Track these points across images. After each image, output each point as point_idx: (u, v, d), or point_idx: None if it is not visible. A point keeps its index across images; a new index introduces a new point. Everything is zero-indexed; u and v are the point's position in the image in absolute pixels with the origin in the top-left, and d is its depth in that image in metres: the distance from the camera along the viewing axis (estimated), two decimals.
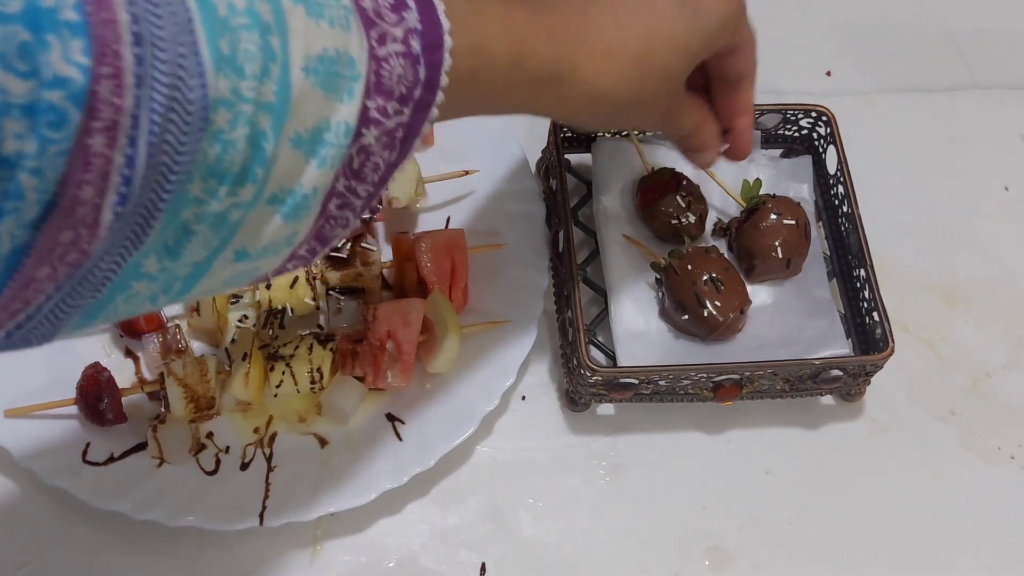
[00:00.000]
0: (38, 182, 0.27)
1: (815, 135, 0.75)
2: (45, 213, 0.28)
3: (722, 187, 0.71)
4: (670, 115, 0.52)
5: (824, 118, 0.73)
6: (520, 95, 0.45)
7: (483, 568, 0.63)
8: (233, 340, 0.68)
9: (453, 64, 0.38)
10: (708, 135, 0.56)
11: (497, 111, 0.48)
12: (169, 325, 0.66)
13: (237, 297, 0.69)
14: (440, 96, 0.38)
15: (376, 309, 0.64)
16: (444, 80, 0.38)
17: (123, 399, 0.62)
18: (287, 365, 0.63)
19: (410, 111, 0.37)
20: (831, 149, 0.73)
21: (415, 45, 0.37)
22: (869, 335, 0.67)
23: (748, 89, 0.55)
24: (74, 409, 0.62)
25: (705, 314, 0.65)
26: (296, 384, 0.64)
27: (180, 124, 0.29)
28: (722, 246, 0.71)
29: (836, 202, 0.72)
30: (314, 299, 0.67)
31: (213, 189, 0.32)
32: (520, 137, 0.76)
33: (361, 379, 0.65)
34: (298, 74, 0.33)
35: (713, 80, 0.55)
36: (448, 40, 0.38)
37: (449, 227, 0.72)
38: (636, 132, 0.73)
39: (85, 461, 0.62)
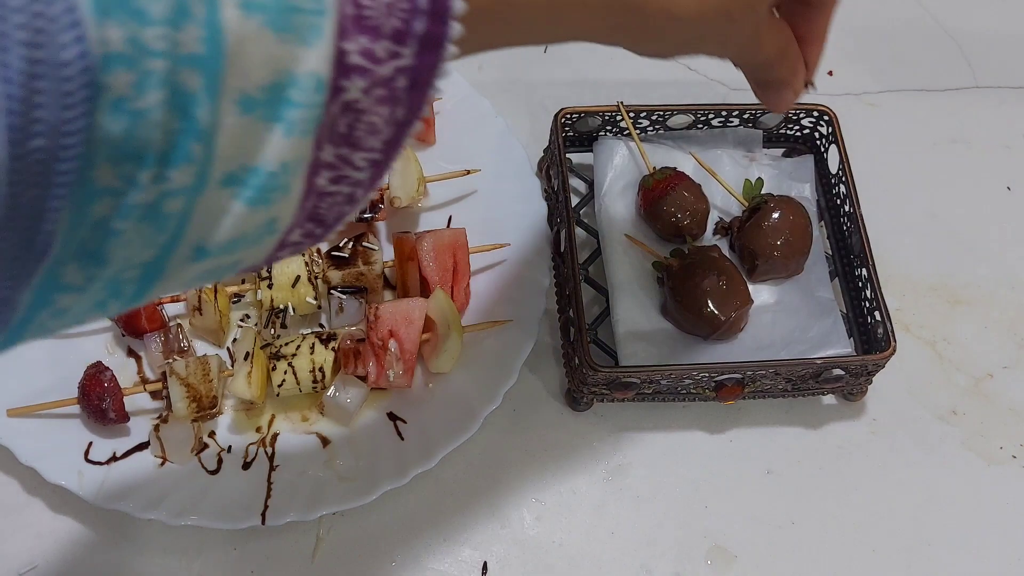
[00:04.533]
0: None
1: (817, 134, 0.75)
2: None
3: (724, 186, 0.71)
4: (751, 40, 0.42)
5: (826, 117, 0.73)
6: (572, 22, 0.35)
7: (484, 567, 0.63)
8: (235, 339, 0.68)
9: None
10: (792, 63, 0.45)
11: (538, 42, 0.37)
12: (171, 324, 0.66)
13: (239, 296, 0.69)
14: (456, 28, 0.28)
15: (378, 308, 0.64)
16: (459, 6, 0.28)
17: (125, 398, 0.62)
18: (289, 364, 0.63)
19: (413, 51, 0.28)
20: (833, 149, 0.73)
21: None
22: (871, 335, 0.67)
23: (828, 12, 0.45)
24: (76, 408, 0.62)
25: (707, 313, 0.65)
26: (298, 383, 0.64)
27: (55, 96, 0.22)
28: (724, 246, 0.71)
29: (838, 202, 0.72)
30: (316, 298, 0.67)
31: (130, 176, 0.25)
32: (522, 136, 0.76)
33: (363, 378, 0.65)
34: (233, 12, 0.24)
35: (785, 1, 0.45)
36: None
37: (451, 226, 0.73)
38: (638, 130, 0.73)
39: (87, 460, 0.62)
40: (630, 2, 0.35)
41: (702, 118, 0.73)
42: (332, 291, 0.67)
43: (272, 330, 0.67)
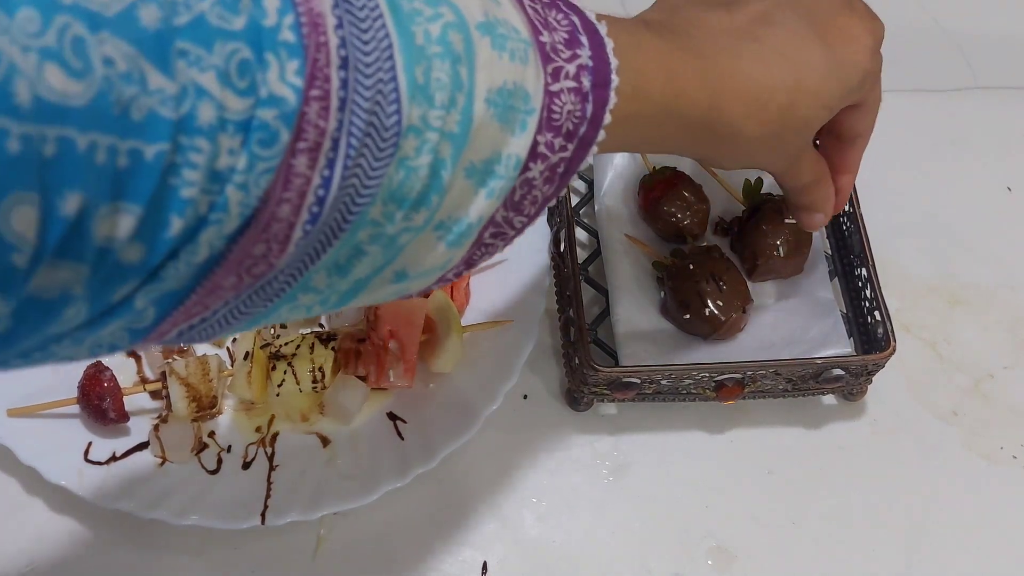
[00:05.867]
0: (243, 196, 0.27)
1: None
2: (244, 226, 0.28)
3: (724, 186, 0.71)
4: (794, 164, 0.52)
5: None
6: (669, 134, 0.45)
7: (484, 567, 0.63)
8: (235, 339, 0.68)
9: (617, 103, 0.38)
10: (825, 191, 0.55)
11: (646, 149, 0.51)
12: None
13: None
14: (603, 134, 0.38)
15: (378, 309, 0.64)
16: (608, 118, 0.38)
17: (125, 398, 0.62)
18: (289, 364, 0.63)
19: (574, 147, 0.37)
20: None
21: (586, 82, 0.37)
22: (871, 335, 0.67)
23: (860, 149, 0.54)
24: (76, 408, 0.62)
25: (707, 313, 0.65)
26: (298, 383, 0.64)
27: (374, 149, 0.30)
28: (724, 245, 0.71)
29: None
30: None
31: (391, 213, 0.32)
32: None
33: (363, 378, 0.65)
34: (480, 105, 0.33)
35: (824, 135, 0.54)
36: (615, 79, 0.38)
37: None
38: None
39: (87, 460, 0.62)
40: (708, 123, 0.44)
41: None
42: None
43: (272, 330, 0.67)
